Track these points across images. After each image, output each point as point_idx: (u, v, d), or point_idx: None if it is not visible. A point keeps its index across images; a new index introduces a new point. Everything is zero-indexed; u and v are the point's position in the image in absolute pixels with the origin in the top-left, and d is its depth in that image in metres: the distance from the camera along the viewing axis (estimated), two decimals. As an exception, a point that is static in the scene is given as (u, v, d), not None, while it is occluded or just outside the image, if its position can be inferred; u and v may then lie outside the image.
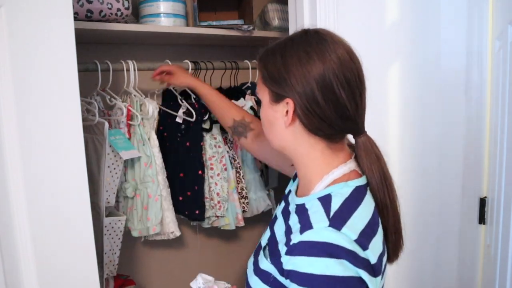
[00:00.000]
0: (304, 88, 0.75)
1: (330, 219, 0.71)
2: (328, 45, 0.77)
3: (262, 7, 1.94)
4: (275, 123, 0.82)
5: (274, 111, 0.81)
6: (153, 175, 1.49)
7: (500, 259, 1.20)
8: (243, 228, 1.77)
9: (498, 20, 1.37)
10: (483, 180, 1.48)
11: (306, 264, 0.69)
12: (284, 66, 0.77)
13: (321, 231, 0.70)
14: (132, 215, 1.52)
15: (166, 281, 1.98)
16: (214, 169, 1.61)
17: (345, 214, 0.72)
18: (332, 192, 0.76)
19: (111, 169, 1.41)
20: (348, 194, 0.76)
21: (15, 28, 0.85)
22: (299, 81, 0.75)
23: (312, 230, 0.71)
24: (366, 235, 0.72)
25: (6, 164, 0.86)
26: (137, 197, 1.51)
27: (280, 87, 0.78)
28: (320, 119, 0.76)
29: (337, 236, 0.69)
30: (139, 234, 1.52)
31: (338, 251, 0.68)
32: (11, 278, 0.88)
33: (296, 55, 0.77)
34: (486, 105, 1.46)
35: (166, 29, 1.56)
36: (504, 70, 1.24)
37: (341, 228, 0.70)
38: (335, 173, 0.79)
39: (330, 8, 1.29)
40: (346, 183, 0.77)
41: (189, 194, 1.60)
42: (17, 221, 0.88)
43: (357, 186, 0.78)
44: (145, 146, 1.49)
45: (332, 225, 0.70)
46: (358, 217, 0.73)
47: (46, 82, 0.90)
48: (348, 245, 0.69)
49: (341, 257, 0.68)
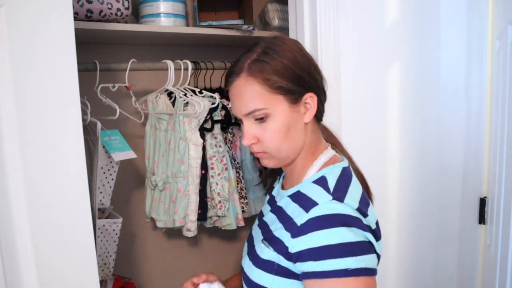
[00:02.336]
0: (314, 76, 0.82)
1: (332, 193, 0.77)
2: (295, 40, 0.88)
3: (262, 7, 1.94)
4: (294, 127, 0.82)
5: (296, 112, 0.81)
6: (184, 171, 1.55)
7: (500, 259, 1.21)
8: (243, 228, 1.77)
9: (498, 20, 1.37)
10: (483, 180, 1.48)
11: (321, 238, 0.72)
12: (294, 66, 0.79)
13: (327, 204, 0.75)
14: (158, 207, 1.60)
15: (167, 281, 1.98)
16: (215, 169, 1.61)
17: (342, 188, 0.79)
18: (325, 174, 0.83)
19: (104, 170, 1.40)
20: (339, 173, 0.83)
21: (15, 28, 0.85)
22: (307, 71, 0.81)
23: (318, 206, 0.75)
24: (363, 204, 0.79)
25: (6, 164, 0.86)
26: (166, 190, 1.59)
27: (298, 85, 0.80)
28: (322, 103, 0.86)
29: (342, 207, 0.74)
30: (164, 226, 1.59)
31: (347, 219, 0.73)
32: (11, 278, 0.88)
33: (294, 53, 0.81)
34: (486, 105, 1.46)
35: (166, 29, 1.56)
36: (504, 70, 1.24)
37: (343, 199, 0.76)
38: (322, 158, 0.86)
39: (330, 8, 1.29)
40: (334, 165, 0.85)
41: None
42: (17, 221, 0.88)
43: (343, 167, 0.85)
44: (181, 143, 1.54)
45: (335, 198, 0.76)
46: (353, 190, 0.80)
47: (46, 82, 0.90)
48: (353, 213, 0.75)
49: (351, 224, 0.73)
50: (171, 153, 1.57)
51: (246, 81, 0.78)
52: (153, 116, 1.64)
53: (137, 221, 1.87)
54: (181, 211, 1.55)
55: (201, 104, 1.52)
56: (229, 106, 1.62)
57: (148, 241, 1.91)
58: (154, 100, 1.63)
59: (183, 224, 1.56)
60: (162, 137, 1.62)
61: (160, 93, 1.63)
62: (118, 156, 1.36)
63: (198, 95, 1.59)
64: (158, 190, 1.61)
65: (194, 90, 1.61)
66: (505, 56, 1.23)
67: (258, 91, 0.78)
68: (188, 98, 1.56)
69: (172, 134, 1.56)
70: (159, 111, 1.62)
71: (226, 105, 1.62)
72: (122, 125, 1.77)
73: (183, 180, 1.55)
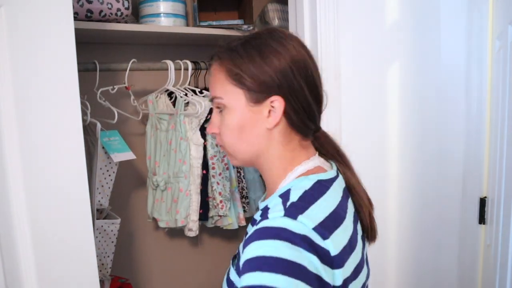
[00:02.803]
0: (291, 80, 0.72)
1: (286, 209, 0.67)
2: (294, 37, 0.77)
3: (262, 7, 1.93)
4: (250, 129, 0.75)
5: (253, 113, 0.74)
6: (186, 171, 1.55)
7: (500, 259, 1.20)
8: (244, 228, 1.77)
9: (498, 20, 1.37)
10: (483, 180, 1.48)
11: (257, 248, 0.63)
12: (264, 60, 0.72)
13: (275, 219, 0.66)
14: (160, 207, 1.61)
15: (167, 281, 1.98)
16: (216, 169, 1.61)
17: (303, 205, 0.68)
18: (292, 187, 0.73)
19: (103, 171, 1.40)
20: (309, 186, 0.72)
21: (15, 28, 0.85)
22: (284, 73, 0.72)
23: (266, 220, 0.67)
24: (326, 226, 0.67)
25: (6, 164, 0.86)
26: (168, 190, 1.59)
27: (263, 85, 0.72)
28: (306, 115, 0.75)
29: (291, 223, 0.65)
30: (166, 225, 1.60)
31: (292, 236, 0.63)
32: (11, 278, 0.88)
33: (273, 47, 0.73)
34: (486, 105, 1.46)
35: (166, 29, 1.56)
36: (504, 70, 1.24)
37: (296, 217, 0.65)
38: (298, 169, 0.76)
39: (330, 8, 1.29)
40: (307, 177, 0.74)
41: (194, 193, 1.61)
42: (17, 221, 0.88)
43: (319, 180, 0.75)
44: (182, 142, 1.54)
45: (287, 214, 0.66)
46: (317, 208, 0.69)
47: (46, 82, 0.90)
48: (304, 232, 0.64)
49: (295, 242, 0.63)
50: (172, 153, 1.57)
51: (217, 66, 0.77)
52: (153, 117, 1.64)
53: (136, 221, 1.87)
54: (183, 210, 1.55)
55: (202, 103, 1.52)
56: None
57: (148, 241, 1.91)
58: (154, 100, 1.63)
59: (185, 224, 1.57)
60: (163, 137, 1.62)
61: (160, 93, 1.63)
62: (118, 157, 1.36)
63: (199, 95, 1.59)
64: (160, 190, 1.61)
65: (194, 90, 1.61)
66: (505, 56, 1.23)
67: (221, 79, 0.75)
68: (189, 98, 1.56)
69: (173, 134, 1.57)
70: (160, 111, 1.63)
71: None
72: (121, 125, 1.77)
73: (185, 180, 1.55)
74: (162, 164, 1.60)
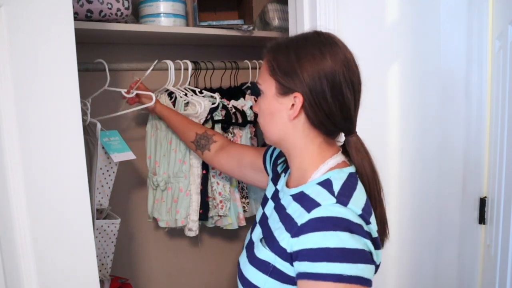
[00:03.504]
0: (315, 84, 0.80)
1: (336, 197, 0.76)
2: (339, 48, 0.83)
3: (262, 7, 1.94)
4: (277, 115, 0.85)
5: (280, 103, 0.84)
6: (186, 171, 1.55)
7: (500, 259, 1.20)
8: (244, 228, 1.77)
9: (498, 20, 1.37)
10: (483, 180, 1.48)
11: (320, 239, 0.72)
12: (297, 62, 0.81)
13: (330, 207, 0.75)
14: (160, 207, 1.61)
15: (167, 281, 1.98)
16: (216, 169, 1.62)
17: (347, 193, 0.78)
18: (331, 177, 0.82)
19: (103, 171, 1.40)
20: (345, 178, 0.82)
21: (15, 28, 0.85)
22: (311, 77, 0.80)
23: (321, 207, 0.75)
24: (366, 211, 0.78)
25: (6, 164, 0.86)
26: (168, 190, 1.59)
27: (290, 81, 0.82)
28: (326, 115, 0.82)
29: (345, 211, 0.74)
30: (166, 225, 1.60)
31: (349, 224, 0.73)
32: (11, 278, 0.88)
33: (310, 52, 0.81)
34: (486, 105, 1.46)
35: (166, 29, 1.56)
36: (504, 70, 1.24)
37: (347, 204, 0.75)
38: (329, 162, 0.86)
39: (330, 8, 1.29)
40: (341, 170, 0.84)
41: (194, 193, 1.61)
42: (17, 221, 0.88)
43: (350, 173, 0.85)
44: (182, 143, 1.54)
45: (339, 201, 0.75)
46: (357, 196, 0.79)
47: (46, 82, 0.90)
48: (355, 219, 0.74)
49: (352, 230, 0.73)
50: (173, 153, 1.57)
51: (264, 57, 0.88)
52: (153, 116, 1.64)
53: (137, 221, 1.87)
54: (183, 210, 1.56)
55: (202, 104, 1.52)
56: (229, 106, 1.62)
57: (148, 241, 1.91)
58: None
59: (185, 223, 1.57)
60: (163, 137, 1.62)
61: (160, 93, 1.63)
62: (118, 157, 1.36)
63: (198, 95, 1.59)
64: (160, 190, 1.62)
65: (194, 90, 1.61)
66: (505, 56, 1.23)
67: (264, 68, 0.87)
68: (189, 98, 1.56)
69: (173, 134, 1.57)
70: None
71: (227, 105, 1.62)
72: (121, 125, 1.77)
73: (185, 179, 1.55)
74: (162, 164, 1.60)
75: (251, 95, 1.74)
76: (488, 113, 1.46)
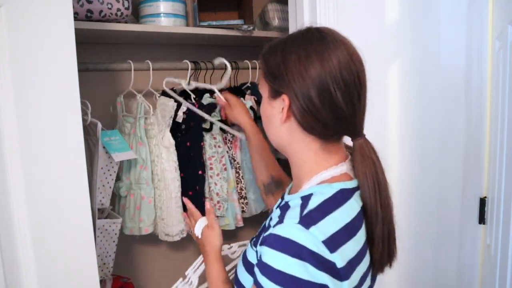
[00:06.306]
0: (299, 86, 0.74)
1: (301, 217, 0.70)
2: (329, 44, 0.76)
3: (262, 7, 1.94)
4: (272, 119, 0.82)
5: (272, 106, 0.81)
6: (147, 178, 1.49)
7: (500, 259, 1.20)
8: (242, 228, 1.77)
9: (498, 20, 1.37)
10: (483, 180, 1.48)
11: (270, 257, 0.69)
12: (283, 63, 0.77)
13: (289, 227, 0.70)
14: (124, 214, 1.53)
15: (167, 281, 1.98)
16: (214, 169, 1.61)
17: (319, 214, 0.71)
18: (314, 192, 0.75)
19: (104, 171, 1.40)
20: (330, 195, 0.74)
21: (15, 28, 0.85)
22: (295, 78, 0.75)
23: (282, 225, 0.71)
24: (337, 238, 0.70)
25: (6, 164, 0.86)
26: (130, 197, 1.52)
27: (278, 83, 0.78)
28: (315, 119, 0.75)
29: (303, 235, 0.68)
30: (130, 232, 1.53)
31: (302, 251, 0.67)
32: (11, 278, 0.88)
33: (295, 52, 0.76)
34: (486, 105, 1.46)
35: (166, 29, 1.56)
36: (504, 70, 1.24)
37: (309, 227, 0.68)
38: (324, 174, 0.78)
39: (330, 8, 1.29)
40: (331, 184, 0.76)
41: (191, 194, 1.60)
42: (17, 221, 0.88)
43: (342, 189, 0.76)
44: (142, 148, 1.48)
45: (301, 222, 0.69)
46: (332, 219, 0.71)
47: (46, 82, 0.90)
48: (313, 247, 0.67)
49: (304, 259, 0.66)
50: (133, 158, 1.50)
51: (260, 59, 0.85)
52: (120, 119, 1.56)
53: (137, 221, 1.87)
54: (146, 218, 1.50)
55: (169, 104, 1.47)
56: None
57: (149, 241, 1.91)
58: (122, 101, 1.56)
59: (150, 231, 1.52)
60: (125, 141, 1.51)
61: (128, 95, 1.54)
62: (118, 157, 1.36)
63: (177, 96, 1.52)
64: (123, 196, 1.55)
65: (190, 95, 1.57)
66: (505, 56, 1.23)
67: (261, 71, 0.85)
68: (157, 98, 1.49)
69: (134, 139, 1.50)
70: (126, 113, 1.54)
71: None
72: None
73: (146, 186, 1.49)
74: (125, 169, 1.53)
75: (251, 95, 1.73)
76: (488, 113, 1.45)
